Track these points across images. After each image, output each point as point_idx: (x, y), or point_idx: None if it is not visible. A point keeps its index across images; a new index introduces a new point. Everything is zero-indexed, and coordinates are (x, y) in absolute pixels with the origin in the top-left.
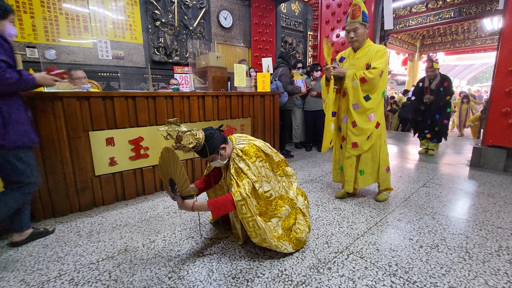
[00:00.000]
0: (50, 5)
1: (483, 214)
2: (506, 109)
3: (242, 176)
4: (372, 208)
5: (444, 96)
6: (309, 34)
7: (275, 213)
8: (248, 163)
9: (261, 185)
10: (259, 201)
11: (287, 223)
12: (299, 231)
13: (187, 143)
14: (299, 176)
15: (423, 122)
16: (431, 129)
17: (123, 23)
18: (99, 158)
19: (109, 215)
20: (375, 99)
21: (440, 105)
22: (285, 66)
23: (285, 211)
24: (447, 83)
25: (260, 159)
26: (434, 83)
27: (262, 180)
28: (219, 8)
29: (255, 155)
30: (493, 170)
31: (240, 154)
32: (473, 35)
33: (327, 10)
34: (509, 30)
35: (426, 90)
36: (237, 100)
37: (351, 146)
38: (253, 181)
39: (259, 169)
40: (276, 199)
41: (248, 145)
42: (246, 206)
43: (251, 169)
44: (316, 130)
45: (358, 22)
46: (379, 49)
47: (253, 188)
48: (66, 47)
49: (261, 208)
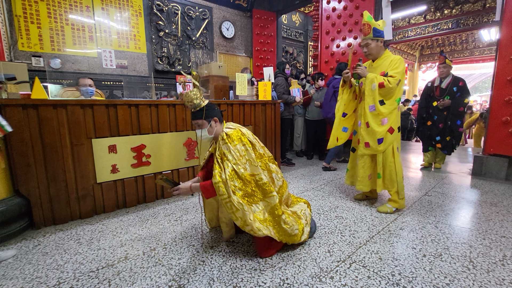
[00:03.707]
0: (57, 16)
1: (486, 223)
2: (506, 118)
3: (224, 159)
4: (374, 216)
5: (462, 98)
6: (310, 44)
7: (263, 197)
8: (230, 147)
9: (245, 167)
10: (245, 182)
11: (277, 211)
12: (288, 221)
13: (193, 95)
14: (300, 185)
15: (434, 127)
16: (443, 137)
17: (128, 33)
18: (101, 166)
19: (109, 222)
20: (389, 105)
21: (458, 110)
22: (281, 76)
23: (274, 197)
24: (462, 83)
25: (242, 144)
26: (445, 82)
27: (245, 163)
28: (221, 19)
29: (238, 139)
30: (495, 178)
31: (224, 138)
32: (471, 46)
33: (327, 21)
34: (506, 41)
35: (436, 89)
36: (238, 108)
37: (364, 146)
38: (233, 163)
39: (240, 152)
40: (268, 184)
41: (234, 130)
42: (223, 188)
43: (231, 152)
44: (318, 139)
45: (369, 38)
46: (394, 59)
47: (233, 170)
48: (71, 57)
49: (246, 189)
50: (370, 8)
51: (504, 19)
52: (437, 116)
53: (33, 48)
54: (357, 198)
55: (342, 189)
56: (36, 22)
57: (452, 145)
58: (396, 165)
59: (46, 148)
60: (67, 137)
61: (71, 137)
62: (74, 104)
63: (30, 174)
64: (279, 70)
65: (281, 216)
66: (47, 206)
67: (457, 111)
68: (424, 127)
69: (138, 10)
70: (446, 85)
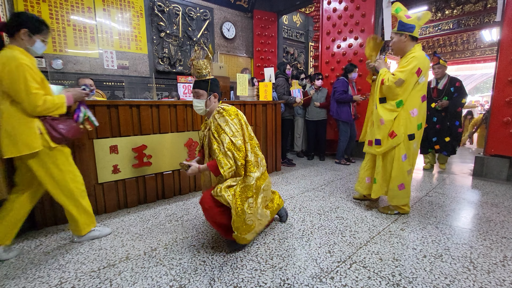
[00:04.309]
0: (59, 17)
1: (487, 224)
2: (507, 118)
3: (221, 132)
4: (374, 217)
5: (459, 99)
6: (310, 44)
7: (244, 173)
8: (227, 119)
9: (242, 139)
10: (242, 152)
11: (248, 193)
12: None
13: (203, 64)
14: (301, 185)
15: (431, 129)
16: (441, 138)
17: (129, 34)
18: (102, 166)
19: (111, 222)
20: (388, 106)
21: (456, 111)
22: (281, 77)
23: (251, 178)
24: (459, 83)
25: (238, 119)
26: (442, 83)
27: (241, 137)
28: (222, 20)
29: (234, 114)
30: (496, 179)
31: (221, 111)
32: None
33: (328, 22)
34: (507, 41)
35: (433, 90)
36: (239, 108)
37: (367, 143)
38: (230, 135)
39: (236, 126)
40: (251, 163)
41: (231, 106)
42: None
43: (228, 124)
44: (318, 140)
45: (393, 32)
46: (409, 56)
47: (231, 141)
48: (72, 57)
49: (242, 160)
50: (371, 9)
51: (505, 19)
52: (436, 118)
53: None
54: (355, 198)
55: (342, 190)
56: None
57: (452, 146)
58: (393, 172)
59: None
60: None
61: None
62: None
63: None
64: (280, 70)
65: (248, 199)
66: (49, 206)
67: (455, 111)
68: None
69: (139, 11)
70: (443, 86)
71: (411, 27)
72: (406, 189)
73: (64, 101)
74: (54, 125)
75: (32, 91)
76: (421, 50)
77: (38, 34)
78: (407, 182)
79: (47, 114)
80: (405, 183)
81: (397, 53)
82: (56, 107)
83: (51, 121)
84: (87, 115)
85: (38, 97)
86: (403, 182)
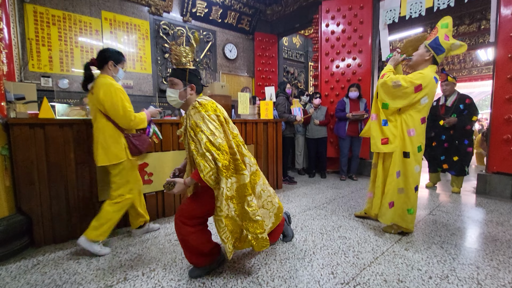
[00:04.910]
0: (67, 39)
1: (493, 243)
2: (507, 136)
3: (197, 130)
4: (378, 237)
5: (469, 116)
6: (310, 64)
7: (236, 173)
8: (204, 115)
9: (222, 137)
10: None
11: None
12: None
13: (184, 52)
14: (303, 203)
15: (439, 147)
16: (449, 157)
17: (134, 55)
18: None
19: (110, 241)
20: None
21: (465, 129)
22: (282, 96)
23: (245, 176)
24: (469, 100)
25: (216, 115)
26: (450, 100)
27: (221, 134)
28: (224, 41)
29: (212, 109)
30: (499, 197)
31: (196, 106)
32: (469, 65)
33: (326, 43)
34: (502, 61)
35: (442, 107)
36: (240, 127)
37: None
38: (208, 133)
39: (215, 123)
40: (240, 161)
41: (209, 101)
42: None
43: (205, 121)
44: (319, 157)
45: (424, 44)
46: (418, 72)
47: (209, 141)
48: (78, 77)
49: (224, 161)
50: (368, 31)
51: (499, 40)
52: (444, 136)
53: (42, 69)
54: (356, 215)
55: (345, 208)
56: (47, 45)
57: (461, 166)
58: (386, 187)
59: (51, 167)
60: (71, 156)
61: (76, 155)
62: (80, 122)
63: (33, 192)
64: (280, 89)
65: (247, 197)
66: (48, 225)
67: (464, 129)
68: (431, 147)
69: (145, 34)
70: (452, 103)
71: (441, 50)
72: (396, 207)
73: (145, 117)
74: (132, 141)
75: (128, 109)
76: (433, 72)
77: (120, 63)
78: (398, 201)
79: (136, 127)
80: (395, 201)
81: (412, 67)
82: (142, 122)
83: (131, 137)
84: (154, 130)
85: (131, 114)
86: (393, 200)
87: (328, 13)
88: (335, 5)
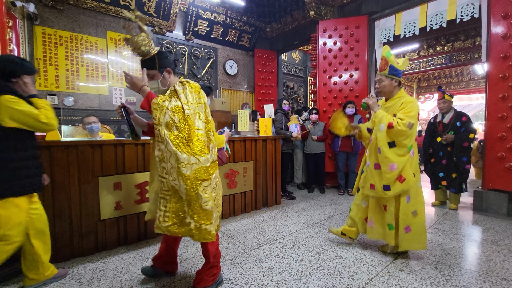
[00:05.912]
0: (74, 58)
1: (487, 264)
2: (501, 153)
3: (174, 95)
4: (374, 256)
5: (466, 134)
6: (309, 79)
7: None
8: (186, 88)
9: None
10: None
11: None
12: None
13: (141, 41)
14: (301, 220)
15: (438, 163)
16: (448, 174)
17: (138, 73)
18: (105, 203)
19: (110, 260)
20: (398, 150)
21: (462, 146)
22: (280, 112)
23: (206, 160)
24: (466, 118)
25: (199, 97)
26: (447, 117)
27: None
28: (225, 58)
29: (195, 88)
30: (496, 214)
31: (183, 81)
32: (467, 78)
33: (324, 61)
34: (493, 81)
35: (439, 125)
36: (240, 144)
37: (369, 187)
38: (183, 102)
39: (195, 100)
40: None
41: (194, 82)
42: (157, 112)
43: (185, 92)
44: (317, 172)
45: (384, 75)
46: (406, 101)
47: (180, 106)
48: (83, 94)
49: (183, 133)
50: (364, 49)
51: (490, 60)
52: (442, 152)
53: (49, 87)
54: (331, 231)
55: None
56: (54, 64)
57: (459, 183)
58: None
59: (55, 187)
60: (76, 176)
61: (80, 175)
62: (85, 144)
63: None
64: (278, 106)
65: (203, 182)
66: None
67: (462, 146)
68: (430, 164)
69: None
70: (449, 120)
71: (400, 73)
72: (413, 231)
73: (225, 139)
74: (218, 155)
75: None
76: (407, 95)
77: None
78: (414, 224)
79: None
80: (411, 225)
81: (385, 96)
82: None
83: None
84: (227, 148)
85: None
86: (408, 224)
87: (325, 32)
88: (332, 25)
